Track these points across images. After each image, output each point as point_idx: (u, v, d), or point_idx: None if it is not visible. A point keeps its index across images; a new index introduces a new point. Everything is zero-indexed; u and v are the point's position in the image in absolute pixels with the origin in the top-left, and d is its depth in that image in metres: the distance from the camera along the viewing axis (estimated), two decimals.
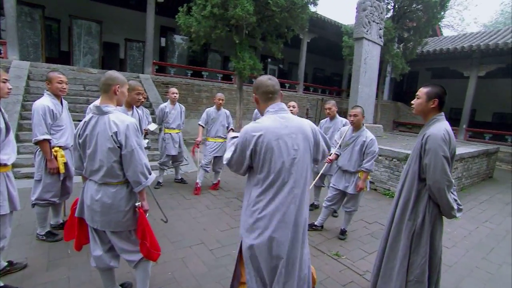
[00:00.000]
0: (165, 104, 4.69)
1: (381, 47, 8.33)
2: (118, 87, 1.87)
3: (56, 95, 2.72)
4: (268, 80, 1.67)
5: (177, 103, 4.79)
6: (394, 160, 5.51)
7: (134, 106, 2.96)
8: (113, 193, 1.83)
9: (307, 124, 1.70)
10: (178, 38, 11.92)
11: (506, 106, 13.26)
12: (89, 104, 3.43)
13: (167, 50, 11.64)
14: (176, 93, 4.67)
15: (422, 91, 2.04)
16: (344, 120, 4.18)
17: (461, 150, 6.35)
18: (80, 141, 1.86)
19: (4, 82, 2.01)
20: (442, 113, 2.04)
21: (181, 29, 7.12)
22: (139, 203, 1.89)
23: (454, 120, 13.77)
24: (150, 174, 1.87)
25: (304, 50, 13.12)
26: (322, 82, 16.66)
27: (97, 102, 2.30)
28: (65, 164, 2.72)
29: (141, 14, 10.48)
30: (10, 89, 2.10)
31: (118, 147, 1.77)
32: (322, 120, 4.38)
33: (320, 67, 18.12)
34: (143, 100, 3.91)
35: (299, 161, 1.60)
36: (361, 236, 3.71)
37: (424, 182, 1.96)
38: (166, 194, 4.45)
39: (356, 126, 3.31)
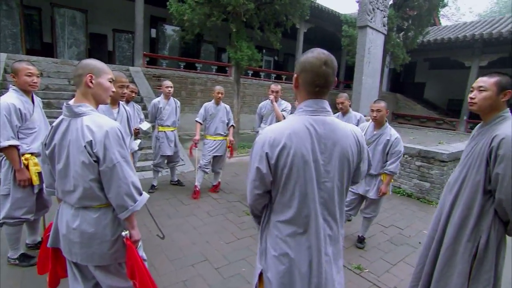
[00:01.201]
0: (158, 99, 4.22)
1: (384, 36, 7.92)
2: (91, 76, 1.40)
3: (25, 90, 2.23)
4: (323, 65, 1.11)
5: (172, 98, 4.32)
6: (405, 156, 5.16)
7: (121, 103, 2.50)
8: (95, 219, 1.40)
9: (350, 133, 1.20)
10: (169, 29, 11.31)
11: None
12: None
13: (158, 41, 11.04)
14: (171, 87, 4.20)
15: (489, 81, 1.61)
16: (358, 115, 3.79)
17: None
18: (47, 152, 1.41)
19: None
20: (508, 109, 1.65)
21: (173, 18, 6.58)
22: (126, 232, 1.45)
23: (454, 112, 13.58)
24: (140, 194, 1.43)
25: (301, 40, 12.63)
26: None
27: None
28: (40, 174, 2.26)
29: (130, 3, 9.82)
30: None
31: (95, 161, 1.33)
32: (333, 115, 3.97)
33: None
34: (133, 95, 3.46)
35: (331, 189, 1.17)
36: (380, 243, 3.36)
37: (490, 195, 1.58)
38: (162, 199, 4.02)
39: (379, 123, 2.91)
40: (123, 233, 1.45)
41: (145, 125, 3.39)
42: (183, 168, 5.47)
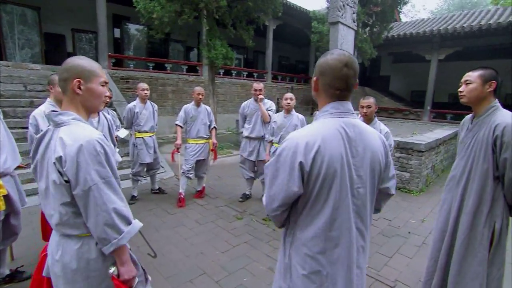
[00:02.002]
0: (134, 103, 3.91)
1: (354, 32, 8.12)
2: (79, 82, 1.16)
3: None
4: (344, 67, 1.05)
5: (148, 101, 4.03)
6: None
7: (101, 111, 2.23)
8: (77, 252, 1.17)
9: (378, 137, 1.16)
10: (133, 28, 10.72)
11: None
12: (35, 107, 2.61)
13: (123, 41, 10.41)
14: (147, 89, 3.91)
15: (473, 75, 1.75)
16: None
17: (441, 134, 6.41)
18: (32, 168, 1.22)
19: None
20: (497, 100, 1.76)
21: (140, 16, 6.18)
22: (113, 269, 1.20)
23: (418, 103, 14.38)
24: (128, 224, 1.18)
25: (270, 37, 12.64)
26: (288, 70, 16.41)
27: (44, 104, 1.64)
28: (6, 197, 1.95)
29: (88, 1, 9.15)
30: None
31: (66, 181, 1.10)
32: (316, 112, 3.94)
33: (285, 55, 17.82)
34: (108, 100, 3.16)
35: (364, 195, 1.09)
36: (373, 236, 3.39)
37: (498, 181, 1.66)
38: (145, 211, 3.74)
39: (369, 119, 2.91)
40: (110, 270, 1.20)
41: (123, 133, 3.12)
42: (162, 175, 5.17)
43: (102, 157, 1.12)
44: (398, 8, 11.45)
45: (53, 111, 1.18)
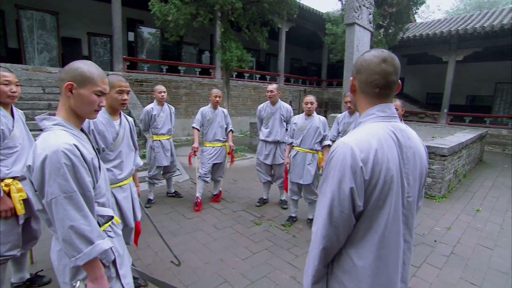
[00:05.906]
0: (152, 105, 3.87)
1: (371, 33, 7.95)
2: (72, 85, 1.15)
3: (2, 102, 1.87)
4: (382, 63, 0.95)
5: (166, 104, 3.99)
6: None
7: (122, 113, 2.17)
8: (58, 253, 1.20)
9: (421, 142, 1.08)
10: (146, 32, 10.83)
11: (478, 89, 13.70)
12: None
13: (136, 45, 10.51)
14: (164, 92, 3.87)
15: None
16: None
17: (463, 137, 6.16)
18: None
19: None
20: None
21: (155, 19, 6.21)
22: (79, 283, 1.13)
23: (433, 105, 14.01)
24: (90, 243, 1.08)
25: (283, 40, 12.58)
26: (300, 73, 16.26)
27: None
28: (26, 200, 1.91)
29: (103, 5, 9.35)
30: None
31: (36, 190, 1.10)
32: (339, 115, 3.82)
33: (297, 57, 17.70)
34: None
35: (412, 204, 1.00)
36: None
37: None
38: (161, 214, 3.68)
39: None
40: (75, 284, 1.13)
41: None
42: (177, 178, 5.13)
43: (66, 170, 1.05)
44: (413, 9, 11.19)
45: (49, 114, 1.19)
